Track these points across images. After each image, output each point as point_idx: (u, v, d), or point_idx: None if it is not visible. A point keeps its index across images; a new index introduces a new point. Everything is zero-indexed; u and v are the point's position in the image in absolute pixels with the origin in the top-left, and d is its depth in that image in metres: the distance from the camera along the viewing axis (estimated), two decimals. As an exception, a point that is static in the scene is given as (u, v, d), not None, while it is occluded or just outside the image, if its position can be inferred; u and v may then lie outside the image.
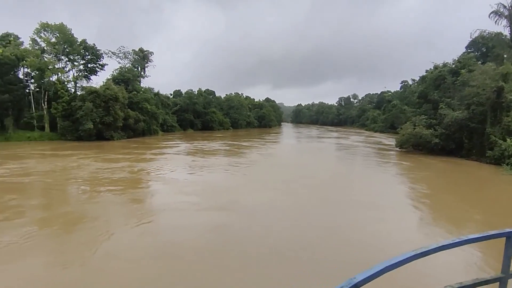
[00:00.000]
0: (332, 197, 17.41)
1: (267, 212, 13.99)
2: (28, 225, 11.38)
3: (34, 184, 17.91)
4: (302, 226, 12.27)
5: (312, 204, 15.38)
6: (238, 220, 13.09)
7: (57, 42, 52.01)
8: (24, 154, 31.14)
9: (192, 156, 32.02)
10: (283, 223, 12.67)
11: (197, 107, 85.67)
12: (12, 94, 45.98)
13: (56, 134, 49.82)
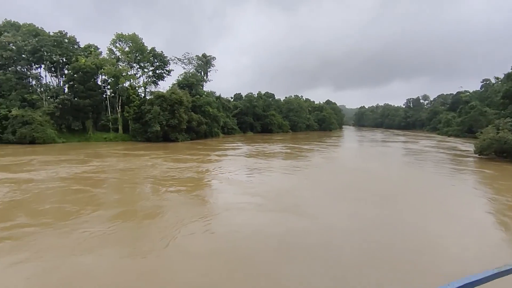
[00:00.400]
0: (401, 206, 15.73)
1: (331, 218, 13.08)
2: (111, 217, 12.34)
3: (116, 180, 19.44)
4: (369, 236, 11.13)
5: (378, 214, 13.99)
6: (301, 223, 12.59)
7: (130, 51, 56.58)
8: (104, 153, 34.21)
9: (255, 158, 32.04)
10: (348, 230, 11.68)
11: (257, 110, 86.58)
12: (92, 99, 51.10)
13: (128, 136, 54.09)
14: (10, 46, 46.66)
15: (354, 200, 16.17)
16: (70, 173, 21.26)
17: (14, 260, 8.40)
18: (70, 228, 10.93)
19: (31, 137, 43.78)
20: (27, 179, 18.87)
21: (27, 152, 34.37)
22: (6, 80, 45.74)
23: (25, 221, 11.58)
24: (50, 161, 26.97)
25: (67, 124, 50.29)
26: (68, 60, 51.40)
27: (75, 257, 8.68)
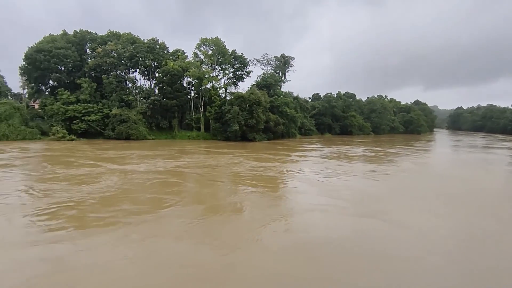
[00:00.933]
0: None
1: (424, 230, 11.01)
2: (202, 210, 12.80)
3: (206, 175, 20.26)
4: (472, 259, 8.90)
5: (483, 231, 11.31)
6: (389, 231, 11.00)
7: (213, 54, 59.15)
8: (191, 151, 36.18)
9: (337, 160, 30.19)
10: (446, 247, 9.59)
11: (336, 111, 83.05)
12: (178, 100, 54.76)
13: (209, 134, 56.61)
14: (112, 53, 52.78)
15: (450, 211, 13.53)
16: (166, 167, 23.02)
17: (119, 241, 9.33)
18: (167, 217, 11.73)
19: (127, 133, 48.79)
20: (130, 170, 20.99)
21: (125, 147, 38.22)
22: (109, 83, 51.81)
23: (129, 207, 12.63)
24: (147, 156, 29.42)
25: (156, 123, 54.83)
26: (159, 64, 56.01)
27: (170, 244, 9.41)
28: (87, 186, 15.93)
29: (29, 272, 7.49)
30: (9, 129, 43.70)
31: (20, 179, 17.91)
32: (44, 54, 49.15)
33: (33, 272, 7.48)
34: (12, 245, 9.00)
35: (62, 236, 9.54)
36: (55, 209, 12.09)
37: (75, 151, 32.51)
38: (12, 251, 8.60)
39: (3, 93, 58.03)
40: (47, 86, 53.64)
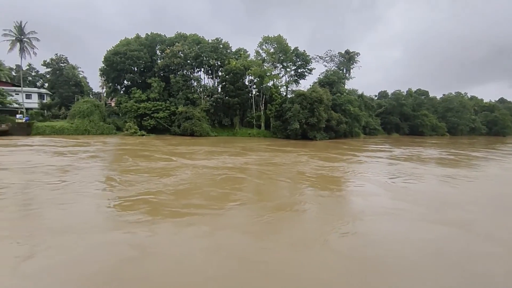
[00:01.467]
0: None
1: None
2: (272, 207, 12.34)
3: (273, 173, 19.84)
4: None
5: None
6: (472, 244, 9.22)
7: (275, 52, 58.73)
8: (256, 148, 36.23)
9: (410, 162, 27.40)
10: None
11: (405, 109, 76.91)
12: (240, 98, 55.50)
13: (269, 132, 56.37)
14: (179, 54, 55.41)
15: None
16: (234, 163, 23.06)
17: (192, 232, 9.39)
18: (236, 212, 11.59)
19: (191, 130, 50.83)
20: (201, 165, 21.33)
21: (191, 143, 39.62)
22: (176, 82, 54.48)
23: (201, 201, 12.70)
24: (213, 152, 30.10)
25: (219, 120, 56.27)
26: (222, 63, 57.35)
27: (239, 238, 9.28)
28: (164, 178, 16.40)
29: (111, 255, 7.77)
30: (90, 124, 48.42)
31: (106, 169, 19.02)
32: (120, 56, 53.50)
33: (117, 256, 7.74)
34: (96, 229, 9.39)
35: (140, 224, 9.82)
36: (136, 198, 12.54)
37: (149, 145, 34.59)
38: (96, 235, 8.93)
39: (86, 93, 64.65)
40: (122, 85, 58.34)
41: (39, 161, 21.12)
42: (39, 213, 10.54)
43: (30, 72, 71.32)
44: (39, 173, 16.84)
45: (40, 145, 31.16)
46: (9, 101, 49.38)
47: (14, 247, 7.93)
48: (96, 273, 6.91)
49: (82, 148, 29.83)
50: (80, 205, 11.59)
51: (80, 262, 7.35)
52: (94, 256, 7.69)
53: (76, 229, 9.28)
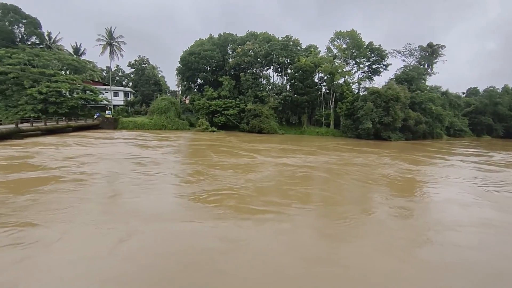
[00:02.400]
0: None
1: None
2: (361, 210, 11.78)
3: (355, 174, 18.76)
4: None
5: None
6: None
7: (347, 47, 56.13)
8: (330, 147, 35.14)
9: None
10: None
11: (500, 109, 67.31)
12: (308, 96, 54.26)
13: (338, 131, 54.10)
14: (250, 52, 56.23)
15: None
16: (313, 162, 22.44)
17: (273, 230, 9.19)
18: (320, 212, 11.12)
19: (259, 127, 51.26)
20: (281, 163, 21.20)
21: (262, 140, 39.87)
22: (246, 80, 55.43)
23: (281, 199, 12.42)
24: (288, 150, 29.81)
25: (287, 118, 55.78)
26: (291, 60, 56.68)
27: (323, 240, 8.91)
28: (247, 174, 16.54)
29: (198, 244, 7.99)
30: (166, 120, 51.87)
31: (193, 163, 19.59)
32: (194, 56, 56.31)
33: (203, 245, 7.93)
34: (184, 219, 9.86)
35: (225, 217, 9.96)
36: (221, 193, 12.75)
37: (225, 141, 35.66)
38: (183, 225, 9.38)
39: (163, 91, 69.61)
40: (196, 84, 61.39)
41: (134, 153, 22.99)
42: (134, 201, 11.20)
43: (117, 73, 79.40)
44: (135, 164, 18.15)
45: (130, 139, 34.24)
46: (101, 98, 55.38)
47: (111, 231, 8.46)
48: (183, 260, 7.13)
49: (166, 142, 31.91)
50: (170, 196, 12.13)
51: (169, 248, 7.67)
52: (182, 244, 7.98)
53: (166, 217, 9.74)
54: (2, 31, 51.49)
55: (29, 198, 11.00)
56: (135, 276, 6.40)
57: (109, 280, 6.22)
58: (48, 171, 15.26)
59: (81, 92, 52.54)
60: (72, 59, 54.77)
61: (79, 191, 12.15)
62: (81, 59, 57.91)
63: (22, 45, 52.21)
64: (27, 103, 45.41)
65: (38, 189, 12.05)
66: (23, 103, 45.42)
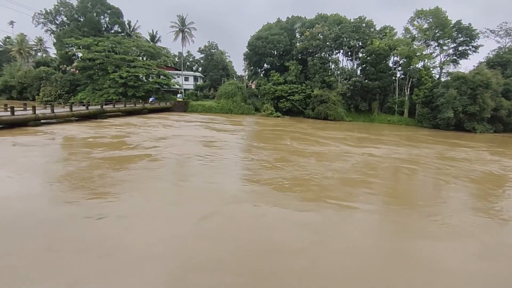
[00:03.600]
0: None
1: None
2: (453, 210, 10.67)
3: (449, 170, 16.75)
4: None
5: None
6: None
7: (429, 27, 50.66)
8: (414, 137, 32.86)
9: None
10: None
11: None
12: (381, 81, 50.57)
13: (413, 120, 49.80)
14: (318, 35, 54.00)
15: None
16: (404, 154, 20.98)
17: (356, 224, 8.72)
18: (410, 211, 10.15)
19: (325, 114, 49.47)
20: (366, 153, 20.12)
21: (334, 127, 38.48)
22: (313, 65, 53.57)
23: (367, 192, 11.77)
24: (366, 139, 28.31)
25: (355, 105, 52.90)
26: (364, 43, 53.13)
27: (418, 241, 8.06)
28: (331, 163, 16.07)
29: (284, 228, 7.91)
30: (233, 104, 52.88)
31: (274, 149, 19.35)
32: (262, 41, 55.90)
33: (288, 232, 7.81)
34: (266, 202, 9.81)
35: (307, 205, 9.72)
36: (304, 179, 12.54)
37: (298, 128, 35.15)
38: (263, 207, 9.34)
39: (231, 75, 70.95)
40: (262, 69, 61.21)
41: (215, 136, 23.87)
42: (217, 183, 11.52)
43: (188, 58, 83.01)
44: (216, 148, 18.76)
45: (205, 122, 35.68)
46: (173, 83, 58.45)
47: (194, 210, 8.76)
48: (263, 240, 7.14)
49: (240, 127, 32.66)
50: (254, 182, 12.03)
51: (247, 229, 7.80)
52: (262, 226, 8.00)
53: (246, 200, 9.87)
54: (91, 22, 56.71)
55: (125, 173, 11.96)
56: (219, 255, 6.40)
57: (194, 257, 6.30)
58: (141, 150, 16.49)
59: (156, 77, 56.01)
60: (148, 46, 58.38)
61: (165, 170, 12.98)
62: (156, 46, 61.41)
63: (106, 33, 57.07)
64: (110, 87, 49.80)
65: (131, 166, 13.07)
66: (106, 87, 49.92)
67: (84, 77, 51.85)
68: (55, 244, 6.52)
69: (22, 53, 63.26)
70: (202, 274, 5.70)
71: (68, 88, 51.84)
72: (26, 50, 63.82)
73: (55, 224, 7.43)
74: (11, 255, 6.03)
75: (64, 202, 8.79)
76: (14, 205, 8.44)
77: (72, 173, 11.54)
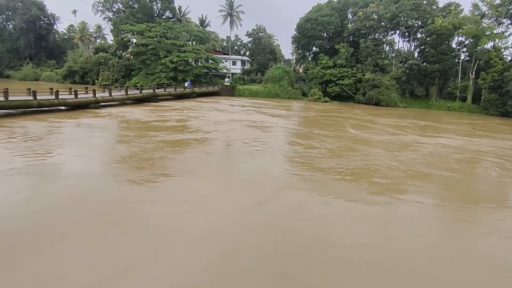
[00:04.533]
0: None
1: None
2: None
3: None
4: None
5: None
6: None
7: (502, 3, 45.16)
8: (486, 126, 30.06)
9: None
10: None
11: None
12: (441, 64, 46.49)
13: (477, 107, 45.49)
14: (373, 15, 50.69)
15: None
16: (484, 145, 19.23)
17: (425, 226, 7.89)
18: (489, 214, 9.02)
19: (377, 99, 46.83)
20: (439, 143, 18.70)
21: (390, 114, 36.37)
22: (365, 47, 50.63)
23: (438, 189, 10.90)
24: (430, 127, 26.21)
25: (410, 90, 49.43)
26: (423, 23, 48.98)
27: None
28: (399, 153, 15.15)
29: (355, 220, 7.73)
30: (280, 89, 52.09)
31: (337, 137, 18.52)
32: (311, 22, 53.88)
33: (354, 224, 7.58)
34: (333, 194, 9.74)
35: (375, 198, 9.22)
36: (369, 170, 11.91)
37: (354, 114, 33.74)
38: (327, 198, 9.14)
39: (278, 59, 69.83)
40: (311, 52, 59.28)
41: (272, 121, 23.88)
42: (276, 169, 11.61)
43: (236, 42, 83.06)
44: (273, 133, 18.74)
45: (257, 107, 35.61)
46: (221, 67, 58.95)
47: (249, 195, 8.75)
48: (319, 232, 6.86)
49: (292, 112, 32.32)
50: (317, 170, 11.68)
51: (305, 218, 7.49)
52: (322, 217, 7.75)
53: (303, 188, 9.55)
54: (144, 8, 58.71)
55: (184, 156, 12.31)
56: (273, 242, 6.27)
57: (247, 241, 6.26)
58: (200, 134, 16.88)
59: (204, 61, 56.82)
60: (198, 31, 59.19)
61: (223, 154, 13.40)
62: (205, 30, 62.13)
63: (158, 19, 58.78)
64: (161, 71, 51.53)
65: (190, 150, 13.44)
66: (158, 71, 51.73)
67: (138, 62, 54.18)
68: (116, 220, 6.85)
69: (84, 40, 67.65)
70: (255, 259, 5.63)
71: (124, 72, 54.59)
72: (86, 37, 68.15)
73: (118, 203, 7.77)
74: (79, 225, 6.44)
75: (128, 181, 9.19)
76: (84, 181, 9.01)
77: (135, 153, 12.07)
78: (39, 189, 8.30)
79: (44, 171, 9.59)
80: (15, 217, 6.61)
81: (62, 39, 79.32)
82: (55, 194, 8.03)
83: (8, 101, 19.70)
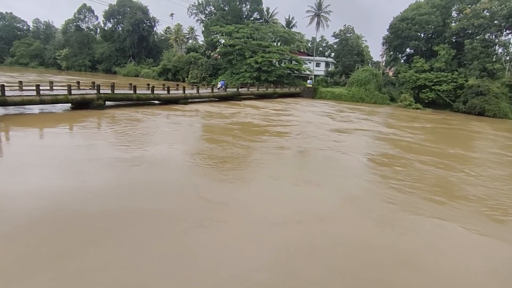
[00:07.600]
0: None
1: None
2: None
3: None
4: None
5: None
6: None
7: None
8: None
9: None
10: None
11: None
12: None
13: None
14: (483, 13, 44.28)
15: None
16: None
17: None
18: None
19: (481, 108, 40.89)
20: None
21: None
22: (472, 49, 44.49)
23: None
24: None
25: (528, 100, 41.89)
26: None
27: None
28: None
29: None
30: (365, 93, 48.99)
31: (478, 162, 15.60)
32: (407, 22, 49.50)
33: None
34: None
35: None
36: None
37: (471, 126, 30.25)
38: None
39: (366, 61, 66.08)
40: (403, 54, 54.71)
41: (381, 130, 22.77)
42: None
43: (321, 43, 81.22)
44: (375, 145, 18.44)
45: (350, 112, 34.47)
46: (304, 68, 58.09)
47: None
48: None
49: (393, 121, 30.22)
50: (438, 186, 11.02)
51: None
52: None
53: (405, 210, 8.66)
54: (234, 10, 60.99)
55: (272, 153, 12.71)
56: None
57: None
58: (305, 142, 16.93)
59: (288, 62, 56.61)
60: (283, 31, 59.25)
61: (317, 161, 13.44)
62: (291, 31, 61.92)
63: (246, 21, 60.52)
64: (246, 71, 52.88)
65: (284, 151, 13.91)
66: (243, 71, 53.21)
67: (225, 61, 56.57)
68: (200, 210, 7.36)
69: (178, 40, 73.22)
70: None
71: (211, 71, 57.59)
72: (180, 38, 73.59)
73: (201, 189, 8.49)
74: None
75: (210, 172, 9.81)
76: (169, 171, 9.81)
77: (221, 150, 12.49)
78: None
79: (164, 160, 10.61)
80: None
81: (159, 40, 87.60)
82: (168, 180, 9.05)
83: (114, 94, 22.06)
